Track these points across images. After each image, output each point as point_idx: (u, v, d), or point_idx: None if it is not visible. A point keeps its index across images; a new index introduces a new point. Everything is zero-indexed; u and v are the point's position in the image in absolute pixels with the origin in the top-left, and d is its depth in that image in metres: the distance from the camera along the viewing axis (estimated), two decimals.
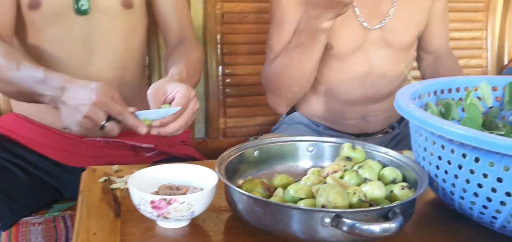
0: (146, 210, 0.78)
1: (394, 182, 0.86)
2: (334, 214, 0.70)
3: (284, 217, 0.73)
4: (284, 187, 0.86)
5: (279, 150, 0.97)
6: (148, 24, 1.42)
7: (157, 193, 0.85)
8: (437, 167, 0.79)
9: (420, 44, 1.50)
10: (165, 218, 0.78)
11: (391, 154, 0.91)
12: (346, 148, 0.93)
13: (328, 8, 1.18)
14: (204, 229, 0.82)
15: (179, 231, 0.81)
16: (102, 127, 1.04)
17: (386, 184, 0.85)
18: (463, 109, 1.00)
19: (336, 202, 0.75)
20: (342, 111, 1.45)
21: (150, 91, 1.06)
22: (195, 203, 0.78)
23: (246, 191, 0.84)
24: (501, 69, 2.01)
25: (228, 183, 0.78)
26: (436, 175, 0.80)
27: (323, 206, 0.75)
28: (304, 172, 0.93)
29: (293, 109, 1.54)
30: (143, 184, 0.83)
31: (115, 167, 1.04)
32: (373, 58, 1.38)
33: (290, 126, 1.51)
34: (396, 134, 1.51)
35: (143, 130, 1.04)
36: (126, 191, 0.94)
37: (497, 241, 0.78)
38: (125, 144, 1.35)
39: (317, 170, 0.92)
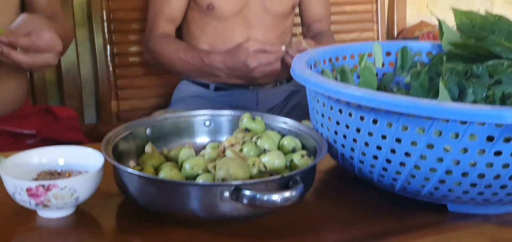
0: (22, 199, 0.69)
1: (293, 151, 0.83)
2: (233, 187, 0.66)
3: (180, 196, 0.68)
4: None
5: (173, 126, 0.91)
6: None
7: (36, 180, 0.75)
8: (336, 133, 0.77)
9: (301, 18, 1.65)
10: (45, 206, 0.69)
11: (290, 123, 0.88)
12: (246, 119, 0.89)
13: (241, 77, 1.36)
14: (92, 216, 0.74)
15: (63, 220, 0.73)
16: None
17: (286, 153, 0.82)
18: (358, 76, 0.99)
19: (236, 175, 0.70)
20: None
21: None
22: (78, 188, 0.70)
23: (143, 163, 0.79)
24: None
25: (115, 163, 0.71)
26: (335, 141, 0.78)
27: (223, 180, 0.70)
28: (202, 149, 0.88)
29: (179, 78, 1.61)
30: (19, 171, 0.74)
31: None
32: (253, 21, 1.49)
33: (181, 104, 1.46)
34: (289, 96, 1.52)
35: None
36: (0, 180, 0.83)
37: (398, 203, 0.77)
38: (2, 131, 1.22)
39: (216, 145, 0.87)
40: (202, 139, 0.92)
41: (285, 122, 0.89)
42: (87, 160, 0.78)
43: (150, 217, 0.72)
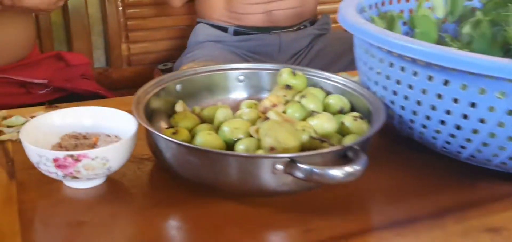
0: (48, 170, 0.61)
1: (341, 111, 0.75)
2: (288, 159, 0.58)
3: (226, 167, 0.60)
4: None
5: (204, 81, 0.82)
6: None
7: (59, 145, 0.68)
8: (395, 93, 0.69)
9: None
10: (74, 177, 0.62)
11: (335, 79, 0.80)
12: (286, 74, 0.80)
13: None
14: (124, 186, 0.67)
15: (92, 191, 0.65)
16: None
17: (332, 114, 0.74)
18: (404, 23, 0.90)
19: (287, 143, 0.62)
20: (245, 4, 1.38)
21: None
22: (111, 157, 0.62)
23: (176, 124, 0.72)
24: None
25: (152, 129, 0.63)
26: (392, 102, 0.70)
27: (271, 149, 0.62)
28: (237, 106, 0.80)
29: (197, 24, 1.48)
30: (40, 136, 0.66)
31: (3, 112, 0.84)
32: None
33: (199, 51, 1.36)
34: (313, 40, 1.42)
35: None
36: (20, 143, 0.75)
37: (464, 172, 0.69)
38: (12, 80, 1.13)
39: (253, 103, 0.79)
40: (235, 94, 0.84)
41: (328, 78, 0.80)
42: (114, 120, 0.70)
43: (187, 186, 0.65)
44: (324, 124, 0.69)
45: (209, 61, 1.31)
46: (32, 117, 0.82)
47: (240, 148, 0.67)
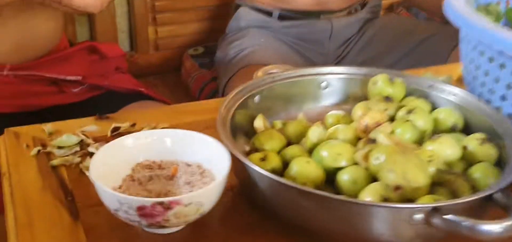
0: (129, 218, 0.50)
1: (454, 129, 0.64)
2: (429, 209, 0.47)
3: (347, 214, 0.49)
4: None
5: (284, 90, 0.70)
6: None
7: (131, 177, 0.56)
8: None
9: None
10: (161, 226, 0.51)
11: (439, 86, 0.68)
12: (382, 82, 0.68)
13: None
14: (208, 230, 0.55)
15: (174, 238, 0.54)
16: None
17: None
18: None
19: (417, 181, 0.51)
20: None
21: None
22: (206, 201, 0.51)
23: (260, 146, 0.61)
24: None
25: (252, 165, 0.52)
26: None
27: (396, 188, 0.51)
28: (320, 118, 0.68)
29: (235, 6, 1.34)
30: (108, 167, 0.55)
31: (48, 127, 0.72)
32: None
33: (243, 39, 1.24)
34: (363, 25, 1.30)
35: None
36: (76, 169, 0.64)
37: None
38: (43, 77, 1.01)
39: (340, 116, 0.67)
40: (317, 104, 0.72)
41: (431, 85, 0.69)
42: (193, 144, 0.59)
43: (284, 229, 0.54)
44: (447, 150, 0.58)
45: (258, 48, 1.19)
46: (83, 133, 0.70)
47: (344, 178, 0.56)
